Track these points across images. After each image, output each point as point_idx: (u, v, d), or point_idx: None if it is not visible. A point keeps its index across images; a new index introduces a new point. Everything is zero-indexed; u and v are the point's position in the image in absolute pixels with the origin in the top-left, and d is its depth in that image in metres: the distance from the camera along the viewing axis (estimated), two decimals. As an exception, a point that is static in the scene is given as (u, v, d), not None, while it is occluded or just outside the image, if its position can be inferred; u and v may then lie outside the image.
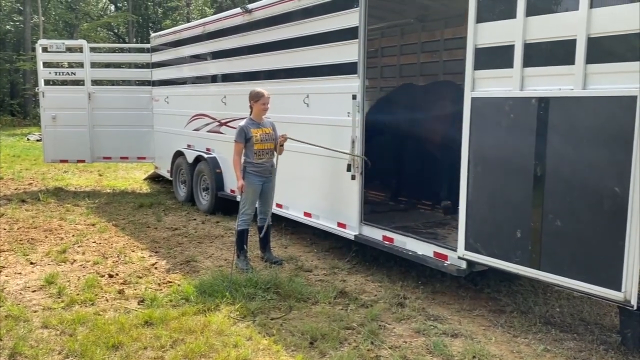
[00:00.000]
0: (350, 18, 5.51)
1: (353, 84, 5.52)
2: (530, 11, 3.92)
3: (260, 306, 4.61)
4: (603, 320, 4.53)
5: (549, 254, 3.90)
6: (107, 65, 13.59)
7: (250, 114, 5.76)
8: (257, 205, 5.85)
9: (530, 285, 5.21)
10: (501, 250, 4.22)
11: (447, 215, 6.09)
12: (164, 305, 4.64)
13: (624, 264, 3.48)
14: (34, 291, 5.00)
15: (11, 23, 31.46)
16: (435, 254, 4.92)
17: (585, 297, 4.56)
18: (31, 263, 5.82)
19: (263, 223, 5.87)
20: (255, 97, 5.68)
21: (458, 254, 4.57)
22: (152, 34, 10.70)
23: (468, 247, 4.46)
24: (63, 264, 5.82)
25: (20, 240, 6.70)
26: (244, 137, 5.60)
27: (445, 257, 4.81)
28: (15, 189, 10.54)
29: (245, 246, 5.79)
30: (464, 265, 4.58)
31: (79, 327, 4.20)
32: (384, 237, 5.45)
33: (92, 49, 10.75)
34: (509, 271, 4.20)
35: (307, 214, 6.39)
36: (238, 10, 7.48)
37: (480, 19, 4.28)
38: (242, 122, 5.72)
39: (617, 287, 3.53)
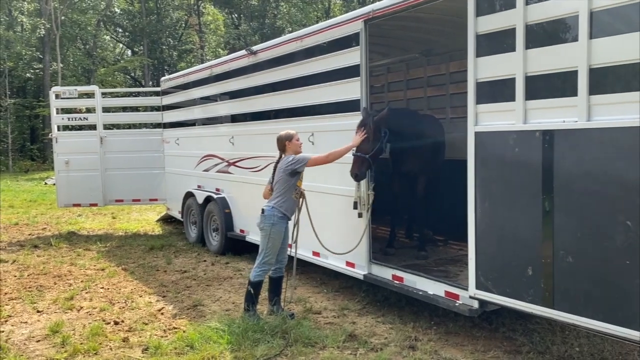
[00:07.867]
0: (352, 57, 5.51)
1: (356, 121, 5.48)
2: (530, 44, 3.87)
3: (266, 352, 4.47)
4: (626, 360, 4.31)
5: (562, 291, 3.73)
6: (124, 109, 13.79)
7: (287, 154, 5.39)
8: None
9: (548, 323, 5.00)
10: (513, 289, 4.05)
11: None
12: (167, 353, 4.53)
13: (642, 301, 3.31)
14: (38, 341, 4.93)
15: (31, 71, 32.42)
16: (447, 293, 4.77)
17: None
18: (38, 311, 5.77)
19: (277, 274, 5.42)
20: (288, 137, 5.37)
21: (469, 293, 4.41)
22: (162, 78, 10.87)
23: (479, 286, 4.31)
24: (70, 311, 5.76)
25: (29, 288, 6.67)
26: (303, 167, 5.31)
27: (456, 297, 4.65)
28: (30, 234, 10.61)
29: (256, 299, 5.26)
30: (476, 304, 4.42)
31: (80, 379, 4.11)
32: (394, 277, 5.30)
33: (104, 94, 10.95)
34: (522, 310, 4.02)
35: (315, 253, 6.27)
36: (243, 52, 7.57)
37: (480, 52, 4.23)
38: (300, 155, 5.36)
39: (637, 326, 3.35)
